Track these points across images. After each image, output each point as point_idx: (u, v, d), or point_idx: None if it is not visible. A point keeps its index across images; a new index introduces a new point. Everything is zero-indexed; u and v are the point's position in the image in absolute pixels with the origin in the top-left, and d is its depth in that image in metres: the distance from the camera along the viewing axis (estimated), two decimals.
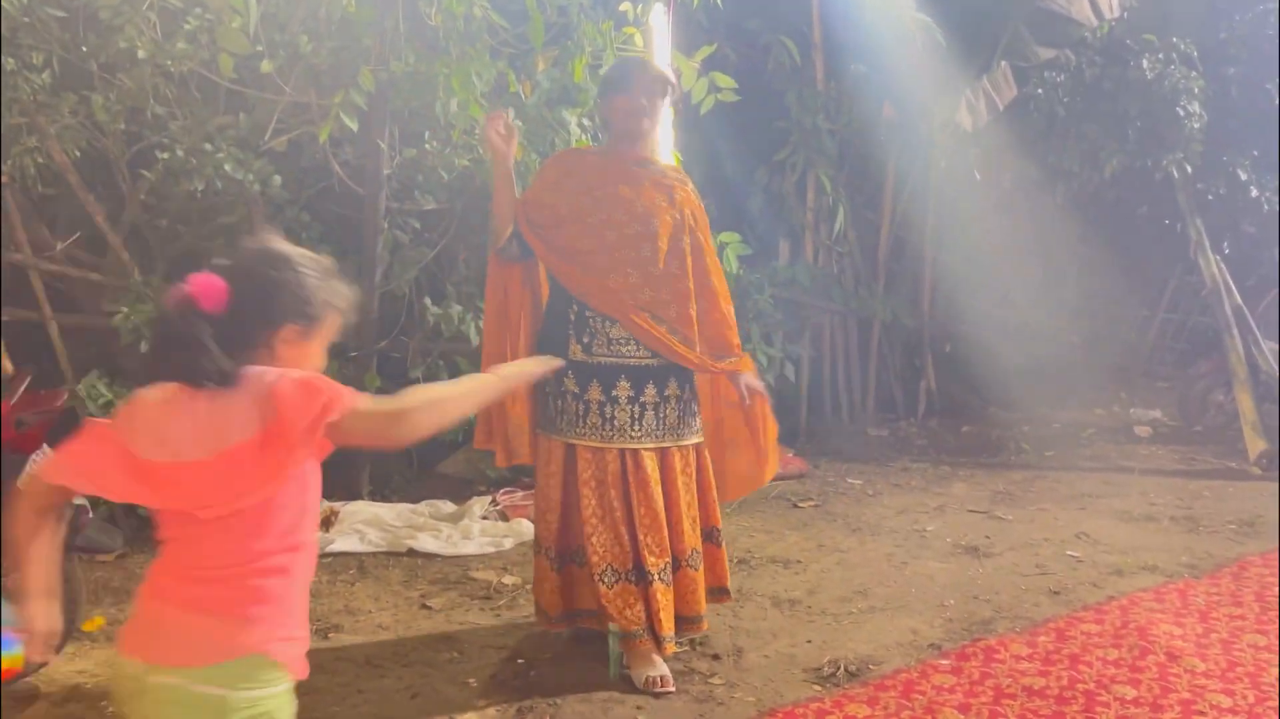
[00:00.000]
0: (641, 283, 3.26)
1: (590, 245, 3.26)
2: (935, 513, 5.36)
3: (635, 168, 3.34)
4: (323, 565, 4.41)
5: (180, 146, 4.50)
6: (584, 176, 3.32)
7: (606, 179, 3.31)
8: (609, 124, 3.40)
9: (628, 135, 3.32)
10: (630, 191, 3.29)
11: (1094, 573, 4.40)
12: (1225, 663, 3.43)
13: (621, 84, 3.29)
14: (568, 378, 3.27)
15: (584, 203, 3.28)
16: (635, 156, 3.35)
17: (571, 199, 3.29)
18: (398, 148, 4.98)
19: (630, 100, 3.26)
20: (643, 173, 3.34)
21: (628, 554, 3.28)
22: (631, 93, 3.26)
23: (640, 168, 3.35)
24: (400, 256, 5.12)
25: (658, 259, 3.28)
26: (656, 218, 3.29)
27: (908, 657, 3.51)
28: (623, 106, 3.28)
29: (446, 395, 1.81)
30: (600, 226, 3.26)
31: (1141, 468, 6.30)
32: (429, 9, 4.43)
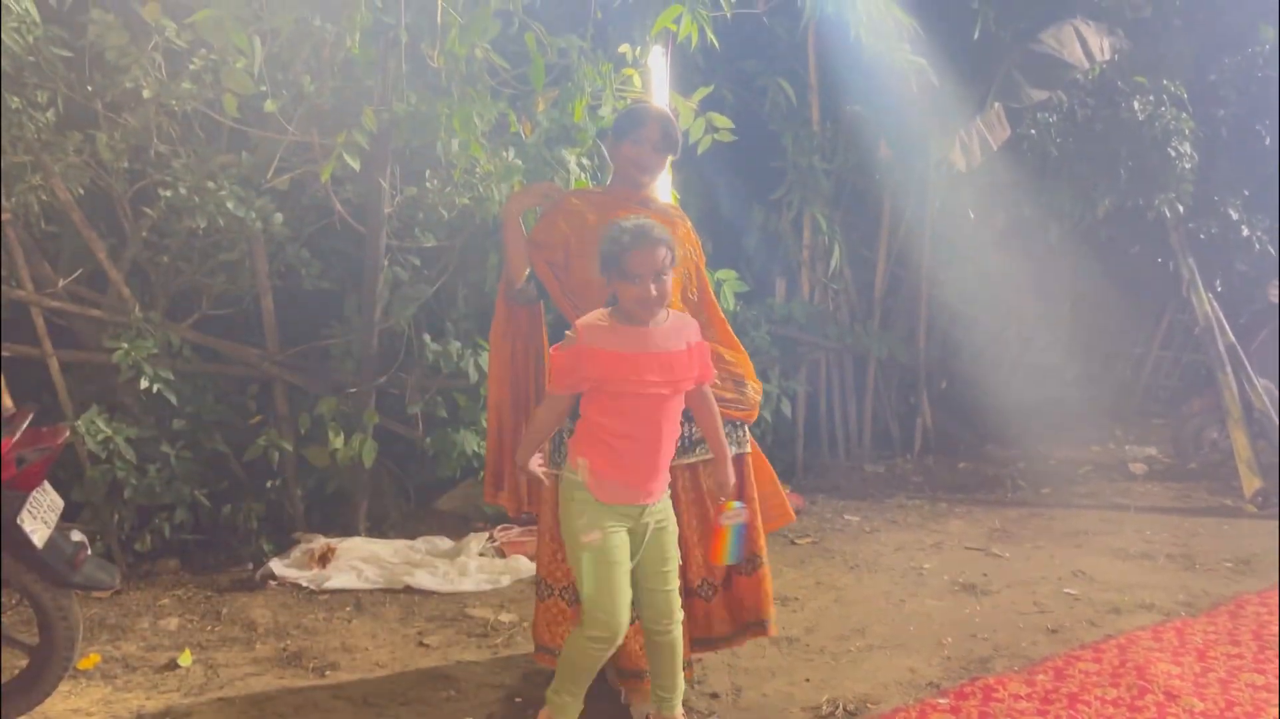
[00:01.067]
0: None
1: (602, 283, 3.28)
2: (932, 550, 5.36)
3: (639, 206, 3.37)
4: (319, 603, 4.41)
5: (183, 184, 4.54)
6: (590, 214, 3.34)
7: (613, 215, 3.32)
8: (613, 165, 3.43)
9: (630, 181, 3.37)
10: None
11: (1091, 611, 4.40)
12: (1224, 702, 3.43)
13: (633, 132, 3.30)
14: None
15: (593, 240, 3.28)
16: (638, 196, 3.40)
17: (580, 234, 3.30)
18: (399, 186, 5.02)
19: (638, 151, 3.30)
20: (646, 211, 3.36)
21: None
22: (641, 144, 3.29)
23: (643, 206, 3.38)
24: (400, 293, 5.15)
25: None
26: None
27: (906, 695, 3.50)
28: (630, 155, 3.31)
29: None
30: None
31: (1137, 505, 6.31)
32: (431, 51, 4.48)
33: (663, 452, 2.85)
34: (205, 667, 3.73)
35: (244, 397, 5.19)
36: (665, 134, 3.31)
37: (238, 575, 4.77)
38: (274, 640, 4.00)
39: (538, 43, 4.43)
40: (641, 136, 3.29)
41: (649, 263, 2.72)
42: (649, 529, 2.87)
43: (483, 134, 4.71)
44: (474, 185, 4.91)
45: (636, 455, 2.81)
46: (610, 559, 2.81)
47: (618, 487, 2.82)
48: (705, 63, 6.28)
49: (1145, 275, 7.92)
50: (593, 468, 2.82)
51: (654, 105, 3.65)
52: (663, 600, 2.94)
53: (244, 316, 5.18)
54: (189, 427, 4.87)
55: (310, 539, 4.96)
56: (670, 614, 2.96)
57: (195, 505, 4.86)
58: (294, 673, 3.70)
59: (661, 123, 3.31)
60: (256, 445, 4.93)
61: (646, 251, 2.72)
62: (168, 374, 4.71)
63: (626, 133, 3.32)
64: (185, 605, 4.38)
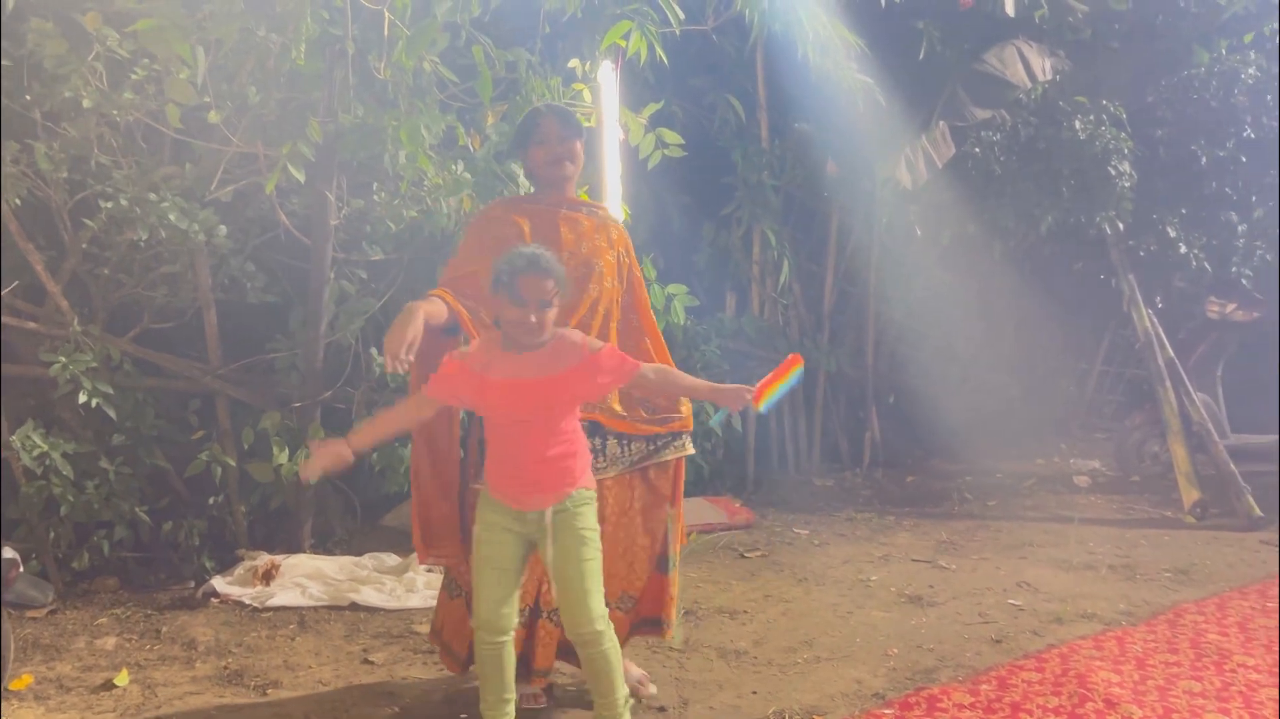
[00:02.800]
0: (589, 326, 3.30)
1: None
2: (880, 562, 5.40)
3: (570, 211, 3.38)
4: (262, 621, 4.34)
5: (124, 196, 4.47)
6: (524, 221, 3.31)
7: (545, 224, 3.33)
8: (533, 175, 3.42)
9: (554, 182, 3.35)
10: (572, 234, 3.34)
11: (1035, 621, 4.45)
12: (1161, 709, 3.49)
13: (535, 134, 3.30)
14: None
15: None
16: (568, 200, 3.39)
17: (517, 240, 3.23)
18: (345, 199, 4.99)
19: (547, 149, 3.29)
20: (579, 215, 3.39)
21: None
22: (547, 142, 3.29)
23: (574, 210, 3.39)
24: (346, 307, 5.10)
25: (600, 300, 3.36)
26: (599, 258, 3.37)
27: (852, 706, 3.52)
28: (542, 157, 3.31)
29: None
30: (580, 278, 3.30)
31: (1080, 517, 6.40)
32: (378, 63, 4.47)
33: (535, 471, 2.89)
34: (143, 686, 3.65)
35: (186, 411, 5.11)
36: (563, 120, 3.30)
37: (179, 594, 4.68)
38: (215, 659, 3.93)
39: (486, 56, 4.43)
40: (542, 134, 3.28)
41: (536, 290, 2.78)
42: (546, 535, 2.90)
43: (431, 147, 4.71)
44: (422, 198, 4.90)
45: (510, 469, 2.93)
46: (484, 554, 2.97)
47: (496, 487, 2.97)
48: (655, 79, 6.32)
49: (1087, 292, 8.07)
50: (486, 465, 3.00)
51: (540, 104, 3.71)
52: (571, 606, 2.93)
53: (186, 330, 5.10)
54: (129, 442, 4.78)
55: (253, 556, 4.89)
56: (582, 623, 2.91)
57: (135, 522, 4.76)
58: (234, 692, 3.63)
59: (555, 113, 3.32)
60: (198, 461, 4.85)
61: (536, 279, 2.78)
62: (107, 388, 4.62)
63: (528, 138, 3.32)
64: (123, 624, 4.28)
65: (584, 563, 2.93)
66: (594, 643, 2.93)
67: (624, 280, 3.49)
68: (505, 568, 2.96)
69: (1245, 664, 3.93)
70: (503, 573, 2.96)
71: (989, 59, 6.84)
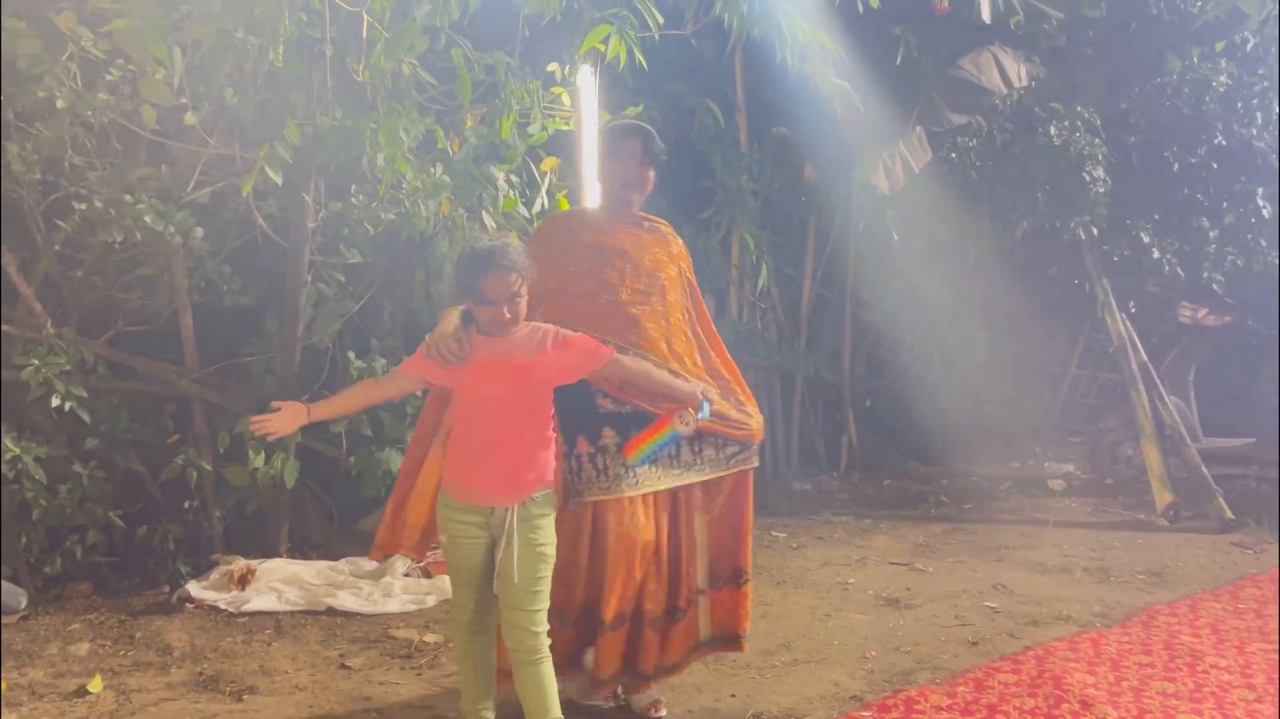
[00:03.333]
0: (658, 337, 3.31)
1: (592, 304, 3.26)
2: (857, 565, 5.43)
3: (632, 226, 3.40)
4: (238, 626, 4.31)
5: (99, 197, 4.44)
6: (585, 234, 3.35)
7: (607, 237, 3.34)
8: (603, 184, 3.43)
9: (621, 201, 3.37)
10: (635, 248, 3.35)
11: (1011, 624, 4.49)
12: (1136, 710, 3.52)
13: (622, 150, 3.30)
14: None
15: (587, 257, 3.30)
16: (630, 215, 3.40)
17: (576, 253, 3.31)
18: (323, 201, 4.96)
19: (626, 170, 3.30)
20: (640, 231, 3.41)
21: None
22: (629, 163, 3.29)
23: (636, 226, 3.41)
24: (323, 310, 5.08)
25: (670, 313, 3.36)
26: (662, 272, 3.38)
27: (830, 709, 3.53)
28: (619, 175, 3.32)
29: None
30: (604, 285, 3.28)
31: (1055, 520, 6.46)
32: (356, 65, 4.45)
33: (504, 457, 2.90)
34: (117, 692, 3.62)
35: (161, 415, 5.07)
36: (647, 147, 3.29)
37: (153, 598, 4.63)
38: (190, 664, 3.90)
39: (465, 59, 4.43)
40: (628, 152, 3.28)
41: (501, 288, 2.78)
42: (509, 538, 2.88)
43: (410, 150, 4.69)
44: (400, 201, 4.88)
45: (477, 455, 2.92)
46: (453, 562, 3.01)
47: (461, 485, 2.94)
48: (634, 83, 6.31)
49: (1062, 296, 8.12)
50: (446, 464, 3.01)
51: (634, 121, 3.59)
52: (519, 619, 2.90)
53: (162, 333, 5.06)
54: (103, 445, 4.73)
55: (229, 561, 4.85)
56: (527, 636, 2.90)
57: (109, 527, 4.72)
58: (210, 697, 3.61)
59: (644, 136, 3.30)
60: (174, 465, 4.81)
61: (498, 278, 2.78)
62: (80, 392, 4.58)
63: (613, 150, 3.32)
64: (97, 630, 4.24)
65: (538, 579, 2.92)
66: (534, 659, 2.91)
67: (687, 294, 3.50)
68: (477, 569, 2.98)
69: (1217, 665, 3.97)
70: (475, 574, 2.98)
71: (965, 65, 6.89)
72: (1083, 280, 7.62)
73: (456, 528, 2.95)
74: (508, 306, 2.80)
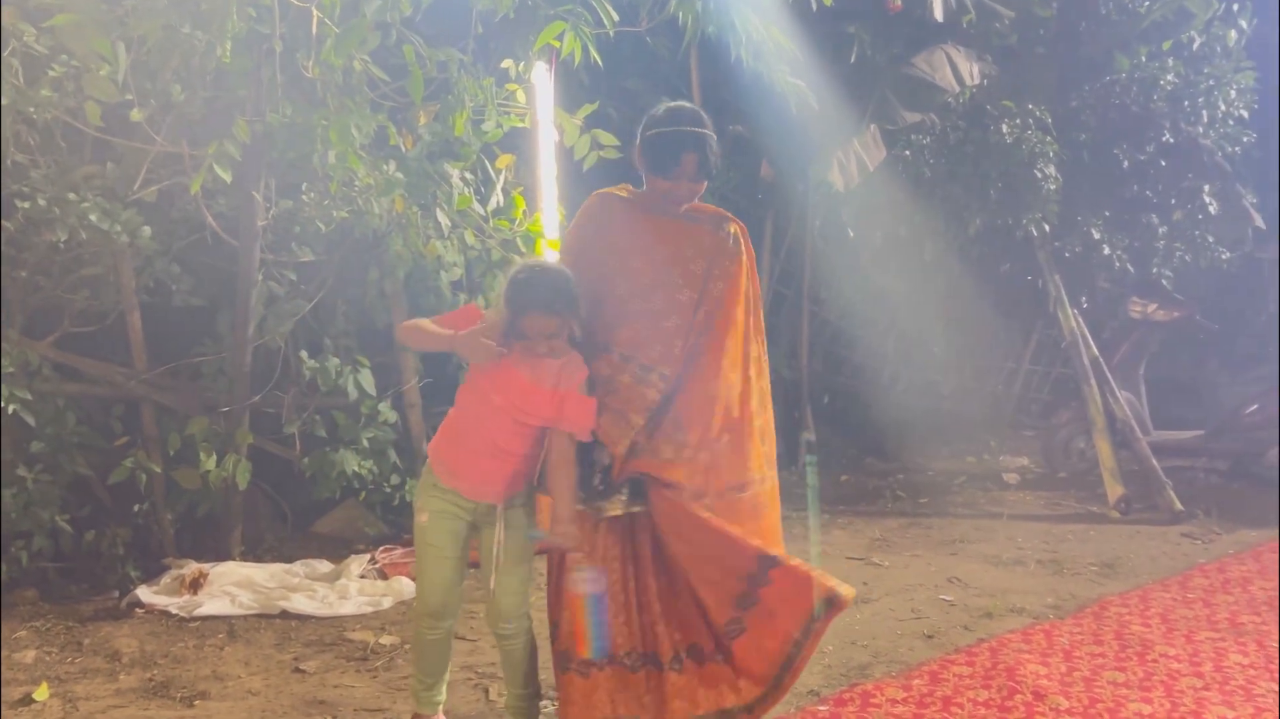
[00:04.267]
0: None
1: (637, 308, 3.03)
2: (815, 560, 5.44)
3: (681, 219, 3.09)
4: (189, 630, 4.24)
5: (42, 195, 4.35)
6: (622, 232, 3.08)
7: (648, 230, 3.06)
8: (649, 183, 3.06)
9: (667, 202, 3.05)
10: (679, 247, 3.05)
11: (965, 616, 4.53)
12: (1087, 700, 3.56)
13: (679, 162, 2.93)
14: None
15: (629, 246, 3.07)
16: (678, 210, 3.09)
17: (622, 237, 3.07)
18: (274, 199, 4.90)
19: (676, 186, 2.99)
20: (682, 223, 3.09)
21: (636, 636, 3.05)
22: (681, 179, 2.97)
23: (684, 219, 3.09)
24: (275, 309, 5.02)
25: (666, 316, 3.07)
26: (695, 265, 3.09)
27: (787, 704, 3.53)
28: (665, 189, 3.00)
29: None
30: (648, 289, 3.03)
31: (1010, 514, 6.53)
32: (306, 61, 4.39)
33: (492, 464, 2.93)
34: (64, 700, 3.55)
35: (109, 417, 4.98)
36: (703, 162, 2.95)
37: (102, 604, 4.55)
38: (140, 670, 3.83)
39: (417, 55, 4.39)
40: (683, 168, 2.94)
41: (540, 327, 2.80)
42: (497, 525, 2.96)
43: (362, 147, 4.64)
44: (352, 199, 4.84)
45: (468, 452, 2.94)
46: (428, 540, 2.98)
47: (449, 471, 2.95)
48: (589, 80, 6.31)
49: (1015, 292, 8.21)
50: (439, 442, 3.01)
51: (689, 128, 2.97)
52: (499, 601, 3.01)
53: (109, 334, 4.97)
54: (49, 449, 4.64)
55: (181, 565, 4.78)
56: (505, 617, 3.02)
57: (56, 532, 4.62)
58: (160, 703, 3.55)
59: (702, 149, 2.93)
60: (122, 468, 4.72)
61: (539, 318, 2.79)
62: (25, 394, 4.48)
63: (669, 160, 2.94)
64: (44, 637, 4.16)
65: (522, 564, 3.04)
66: (513, 637, 3.05)
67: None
68: (450, 555, 2.99)
69: (1166, 654, 4.03)
70: (448, 560, 2.99)
71: (918, 63, 6.94)
72: (1035, 276, 7.71)
73: (438, 505, 2.97)
74: (544, 344, 2.83)
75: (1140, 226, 7.57)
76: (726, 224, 3.11)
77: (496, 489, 2.96)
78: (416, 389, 5.55)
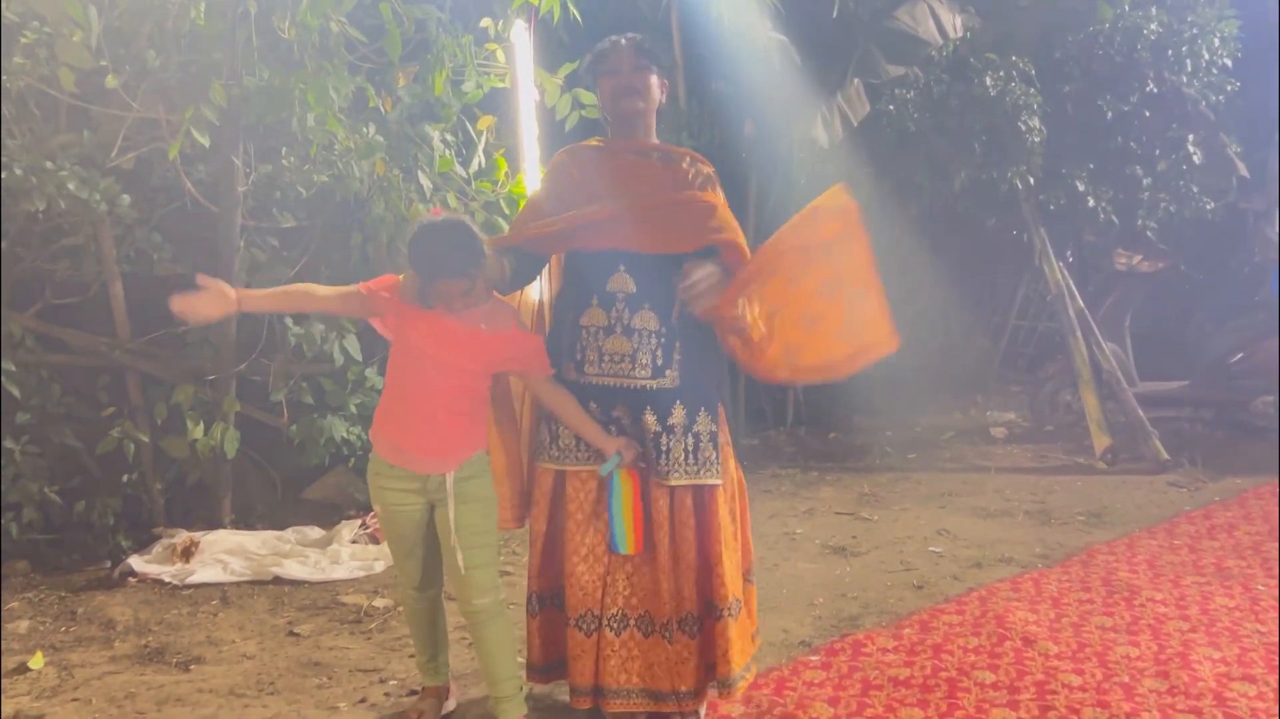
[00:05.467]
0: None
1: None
2: (805, 516, 5.48)
3: (636, 156, 2.99)
4: (183, 598, 4.26)
5: (18, 165, 4.30)
6: (585, 175, 2.97)
7: (609, 171, 2.96)
8: (603, 111, 3.04)
9: (623, 119, 2.97)
10: (642, 184, 2.94)
11: (954, 567, 4.57)
12: (1075, 644, 3.61)
13: (604, 64, 2.95)
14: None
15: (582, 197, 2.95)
16: (637, 145, 3.00)
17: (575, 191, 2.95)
18: (253, 164, 4.85)
19: (615, 80, 2.93)
20: (649, 162, 2.99)
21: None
22: (617, 72, 2.93)
23: (645, 157, 2.99)
24: (258, 276, 4.97)
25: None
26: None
27: (779, 655, 3.57)
28: (609, 87, 2.95)
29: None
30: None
31: (997, 467, 6.57)
32: (282, 22, 4.34)
33: (439, 422, 2.80)
34: (59, 668, 3.56)
35: (95, 388, 4.95)
36: (637, 49, 2.92)
37: (94, 574, 4.55)
38: (134, 638, 3.84)
39: (394, 14, 4.34)
40: (613, 64, 2.92)
41: (449, 292, 2.71)
42: (448, 500, 2.83)
43: (341, 109, 4.60)
44: (333, 162, 4.79)
45: (407, 414, 2.82)
46: (390, 532, 2.95)
47: (391, 446, 2.85)
48: (570, 39, 6.24)
49: (1001, 246, 8.22)
50: (378, 423, 2.90)
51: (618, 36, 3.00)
52: (468, 577, 2.86)
53: (92, 304, 4.92)
54: (35, 421, 4.62)
55: (172, 534, 4.78)
56: (476, 592, 2.86)
57: (45, 503, 4.61)
58: (156, 669, 3.56)
59: (630, 43, 2.93)
60: (110, 438, 4.70)
61: (446, 285, 2.69)
62: (9, 366, 4.46)
63: (597, 68, 2.96)
64: (36, 607, 4.16)
65: (481, 534, 2.87)
66: (485, 615, 2.89)
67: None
68: (415, 540, 2.93)
69: (1153, 599, 4.08)
70: (415, 545, 2.94)
71: (901, 16, 6.88)
72: (1020, 230, 7.71)
73: (391, 496, 2.87)
74: (459, 302, 2.73)
75: (1125, 178, 7.55)
76: (699, 164, 3.03)
77: (444, 455, 2.83)
78: None
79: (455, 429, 2.83)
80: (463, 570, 2.86)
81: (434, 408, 2.80)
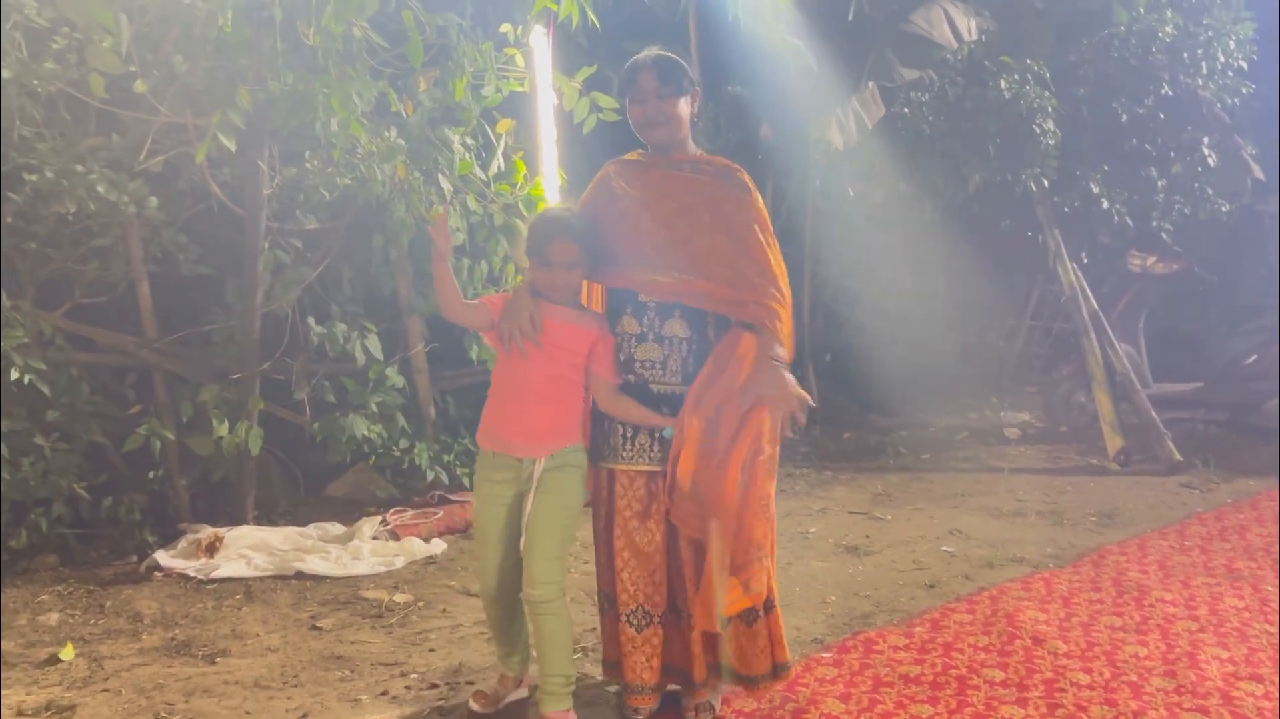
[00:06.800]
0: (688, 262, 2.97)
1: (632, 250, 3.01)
2: (818, 515, 5.54)
3: (671, 170, 3.04)
4: (207, 592, 4.34)
5: (50, 168, 4.39)
6: (618, 183, 3.07)
7: (640, 184, 3.04)
8: (631, 123, 3.08)
9: (651, 143, 3.06)
10: (669, 196, 3.00)
11: (966, 566, 4.62)
12: (1085, 643, 3.65)
13: (631, 90, 2.99)
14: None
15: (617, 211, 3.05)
16: (672, 160, 3.05)
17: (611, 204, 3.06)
18: (278, 167, 4.94)
19: (642, 110, 2.99)
20: (680, 174, 3.03)
21: (662, 593, 3.03)
22: (644, 101, 2.97)
23: (676, 170, 3.04)
24: (282, 277, 5.07)
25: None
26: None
27: (792, 652, 3.61)
28: (636, 116, 3.01)
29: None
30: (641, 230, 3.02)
31: (1011, 467, 6.61)
32: (307, 29, 4.43)
33: (535, 411, 2.97)
34: (89, 659, 3.65)
35: (122, 386, 5.06)
36: (663, 75, 2.95)
37: (121, 568, 4.65)
38: (161, 630, 3.93)
39: (416, 21, 4.41)
40: (639, 90, 2.96)
41: (563, 255, 2.93)
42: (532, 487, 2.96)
43: (363, 113, 4.68)
44: (355, 165, 4.87)
45: (502, 399, 3.02)
46: (477, 525, 3.13)
47: (491, 434, 3.05)
48: (588, 42, 6.31)
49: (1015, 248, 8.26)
50: (484, 414, 3.09)
51: (647, 53, 3.04)
52: (529, 564, 2.96)
53: (119, 304, 5.03)
54: (64, 418, 4.72)
55: (197, 529, 4.87)
56: (533, 582, 2.94)
57: (74, 499, 4.72)
58: (183, 661, 3.65)
59: (655, 67, 2.95)
60: (137, 435, 4.80)
61: (561, 245, 2.92)
62: (40, 364, 4.55)
63: (624, 93, 3.01)
64: (66, 600, 4.26)
65: (552, 526, 2.96)
66: (544, 606, 2.96)
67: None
68: (500, 530, 3.03)
69: (1163, 599, 4.12)
70: (496, 545, 3.04)
71: (916, 20, 6.94)
72: (1035, 232, 7.74)
73: (486, 487, 3.05)
74: (564, 274, 2.93)
75: (1139, 180, 7.59)
76: (734, 174, 3.04)
77: (538, 440, 2.95)
78: (423, 354, 5.63)
79: (548, 415, 2.98)
80: (526, 555, 2.97)
81: (530, 393, 2.98)
